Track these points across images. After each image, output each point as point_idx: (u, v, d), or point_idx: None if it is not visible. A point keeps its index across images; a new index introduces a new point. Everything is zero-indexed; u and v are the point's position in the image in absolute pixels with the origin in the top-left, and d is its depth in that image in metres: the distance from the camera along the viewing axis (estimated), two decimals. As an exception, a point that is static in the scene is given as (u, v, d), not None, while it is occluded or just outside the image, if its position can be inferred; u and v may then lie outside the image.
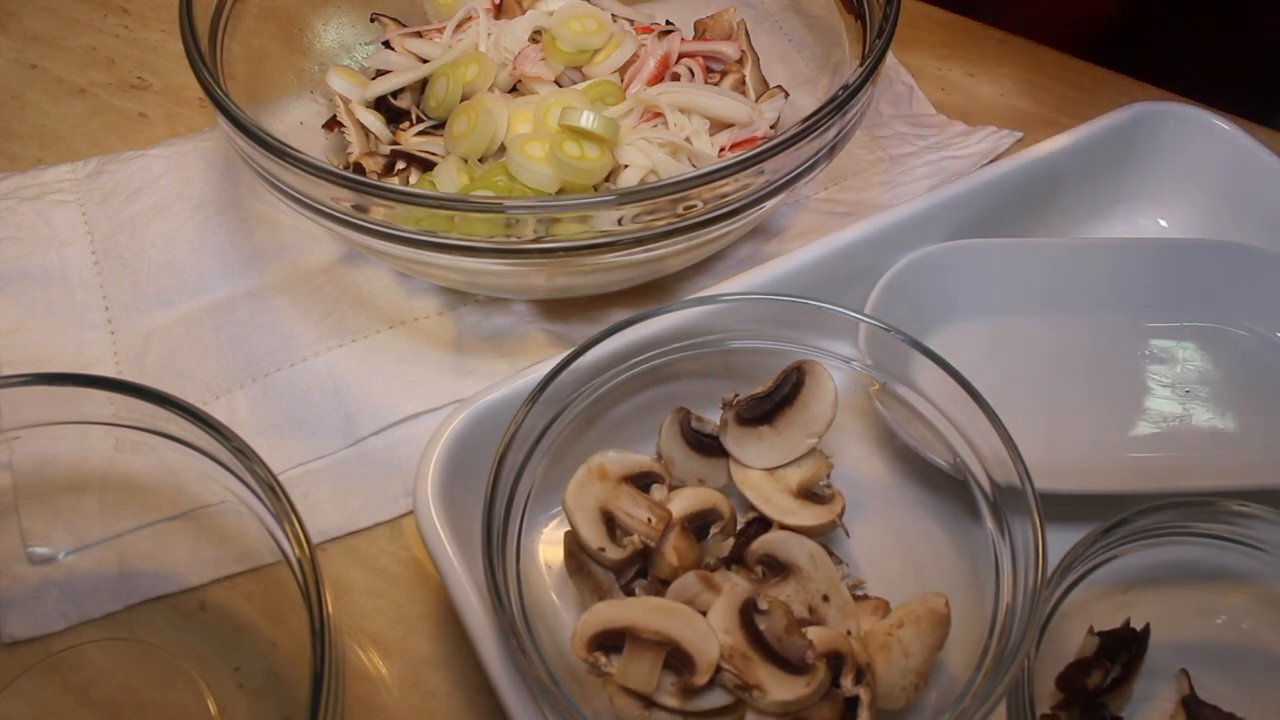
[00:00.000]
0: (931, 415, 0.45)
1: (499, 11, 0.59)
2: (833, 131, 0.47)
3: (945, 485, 0.47)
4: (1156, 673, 0.43)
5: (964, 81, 0.68)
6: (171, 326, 0.54)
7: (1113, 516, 0.41)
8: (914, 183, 0.61)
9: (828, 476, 0.45)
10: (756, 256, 0.57)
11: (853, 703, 0.38)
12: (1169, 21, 0.80)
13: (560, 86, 0.56)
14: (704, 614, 0.39)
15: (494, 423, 0.43)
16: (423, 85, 0.57)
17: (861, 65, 0.48)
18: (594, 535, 0.41)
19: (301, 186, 0.45)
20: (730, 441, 0.45)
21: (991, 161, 0.61)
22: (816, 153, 0.47)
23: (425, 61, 0.57)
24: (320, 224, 0.46)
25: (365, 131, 0.56)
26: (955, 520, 0.45)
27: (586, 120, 0.50)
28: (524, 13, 0.59)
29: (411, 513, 0.47)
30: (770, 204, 0.47)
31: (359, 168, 0.55)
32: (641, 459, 0.44)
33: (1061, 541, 0.41)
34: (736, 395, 0.46)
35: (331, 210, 0.45)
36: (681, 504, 0.43)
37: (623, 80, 0.57)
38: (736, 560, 0.43)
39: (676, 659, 0.38)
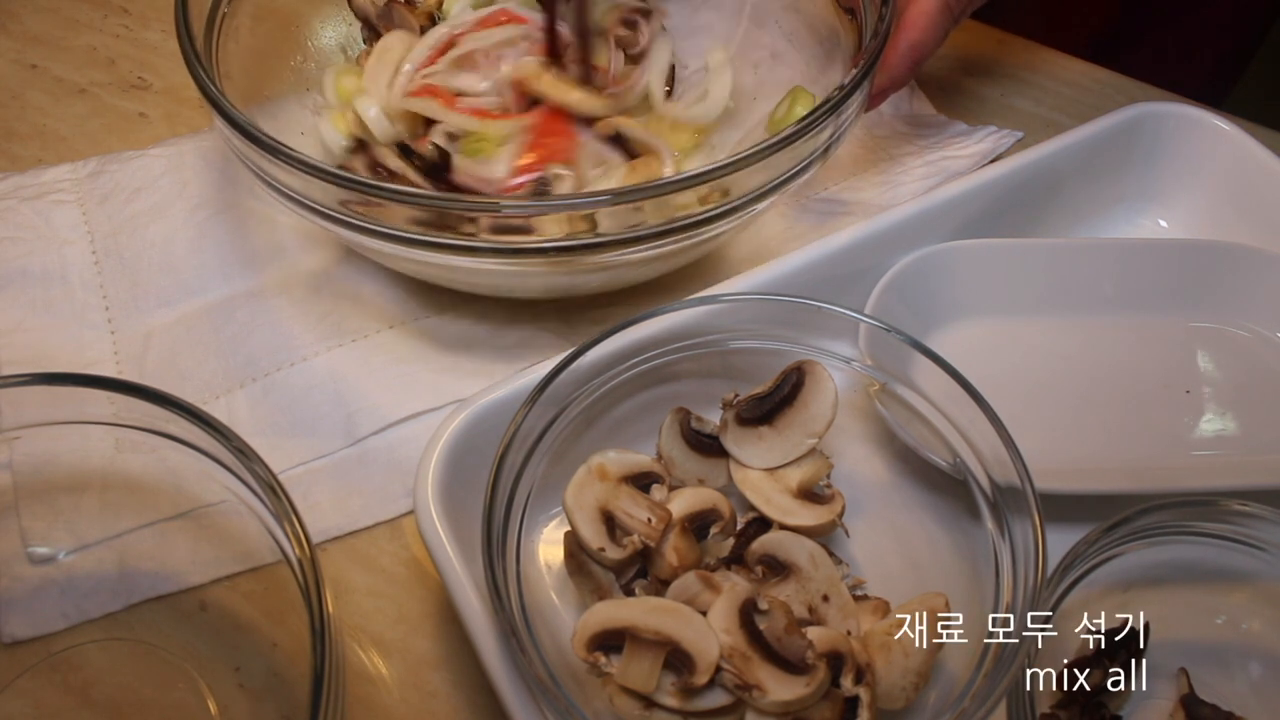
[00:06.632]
0: (931, 415, 0.45)
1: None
2: (828, 132, 0.47)
3: (945, 485, 0.47)
4: (1156, 672, 0.43)
5: (964, 81, 0.68)
6: (171, 326, 0.54)
7: (1113, 516, 0.41)
8: (913, 183, 0.61)
9: (828, 476, 0.45)
10: (757, 256, 0.57)
11: (853, 703, 0.38)
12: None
13: None
14: (704, 614, 0.39)
15: (494, 423, 0.43)
16: None
17: (857, 66, 0.48)
18: (594, 535, 0.41)
19: (298, 186, 0.45)
20: (730, 441, 0.45)
21: (991, 161, 0.61)
22: (812, 153, 0.47)
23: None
24: (317, 223, 0.46)
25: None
26: (955, 520, 0.45)
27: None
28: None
29: (411, 513, 0.47)
30: (766, 203, 0.47)
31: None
32: (641, 459, 0.44)
33: (1061, 541, 0.41)
34: (736, 395, 0.46)
35: (328, 210, 0.45)
36: (681, 504, 0.43)
37: None
38: (736, 560, 0.43)
39: (676, 659, 0.38)
